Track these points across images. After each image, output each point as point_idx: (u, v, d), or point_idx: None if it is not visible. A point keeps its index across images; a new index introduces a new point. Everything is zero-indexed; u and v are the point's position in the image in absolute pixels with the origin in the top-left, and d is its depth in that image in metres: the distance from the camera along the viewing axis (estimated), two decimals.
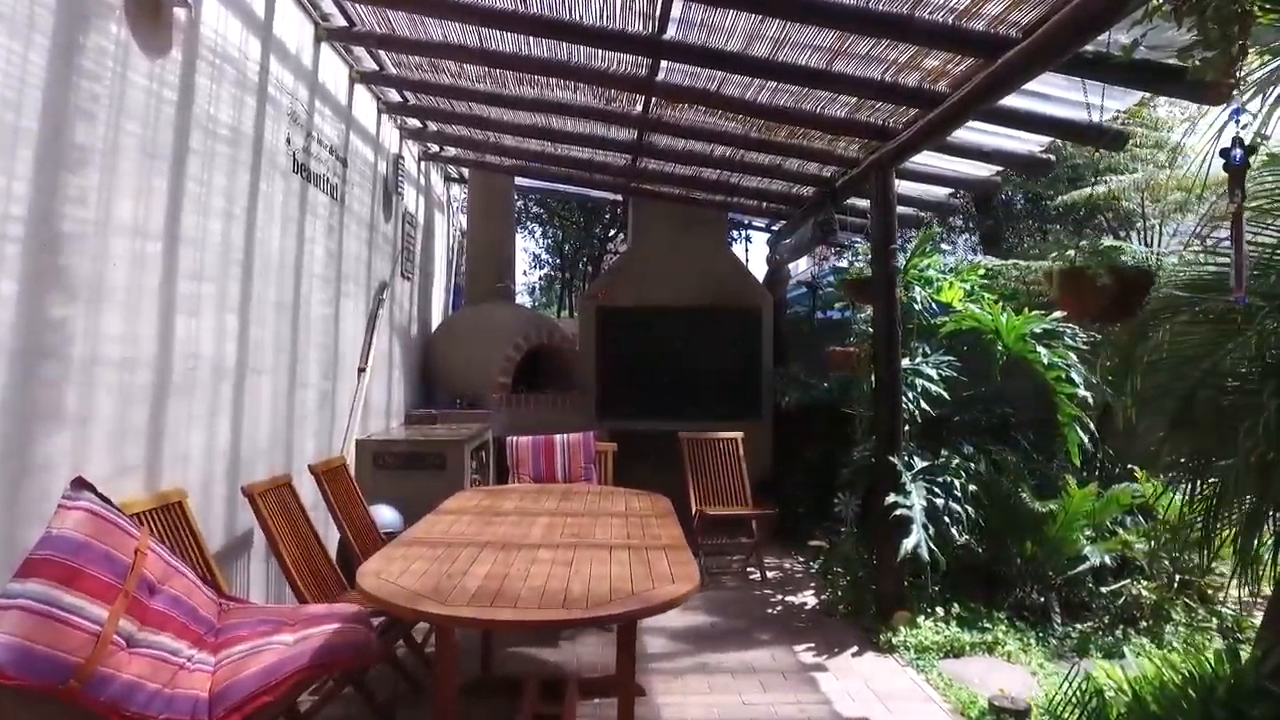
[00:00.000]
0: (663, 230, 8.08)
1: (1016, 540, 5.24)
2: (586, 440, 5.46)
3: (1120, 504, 5.03)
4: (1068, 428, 5.27)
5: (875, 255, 5.00)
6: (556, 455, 5.36)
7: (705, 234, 8.09)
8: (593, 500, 4.05)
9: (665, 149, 6.24)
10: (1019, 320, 5.38)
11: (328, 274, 4.84)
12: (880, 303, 4.97)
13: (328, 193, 4.75)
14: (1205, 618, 4.77)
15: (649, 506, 3.87)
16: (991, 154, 4.86)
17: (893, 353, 4.98)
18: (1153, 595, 4.80)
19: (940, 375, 5.58)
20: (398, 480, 5.31)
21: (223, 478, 3.40)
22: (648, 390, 7.94)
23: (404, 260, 6.69)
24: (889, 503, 4.73)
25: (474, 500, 4.02)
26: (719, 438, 6.61)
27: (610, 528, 3.36)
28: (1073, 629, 4.82)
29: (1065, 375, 5.28)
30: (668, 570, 2.63)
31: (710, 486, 6.41)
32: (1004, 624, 4.70)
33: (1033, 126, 4.22)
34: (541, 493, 4.28)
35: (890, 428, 4.99)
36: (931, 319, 5.94)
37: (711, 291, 8.00)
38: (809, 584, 5.95)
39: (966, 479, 5.08)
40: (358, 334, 5.53)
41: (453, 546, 2.94)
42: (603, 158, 6.80)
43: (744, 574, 6.24)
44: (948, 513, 4.95)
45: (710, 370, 7.97)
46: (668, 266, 8.02)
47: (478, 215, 7.96)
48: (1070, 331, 5.57)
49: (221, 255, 3.38)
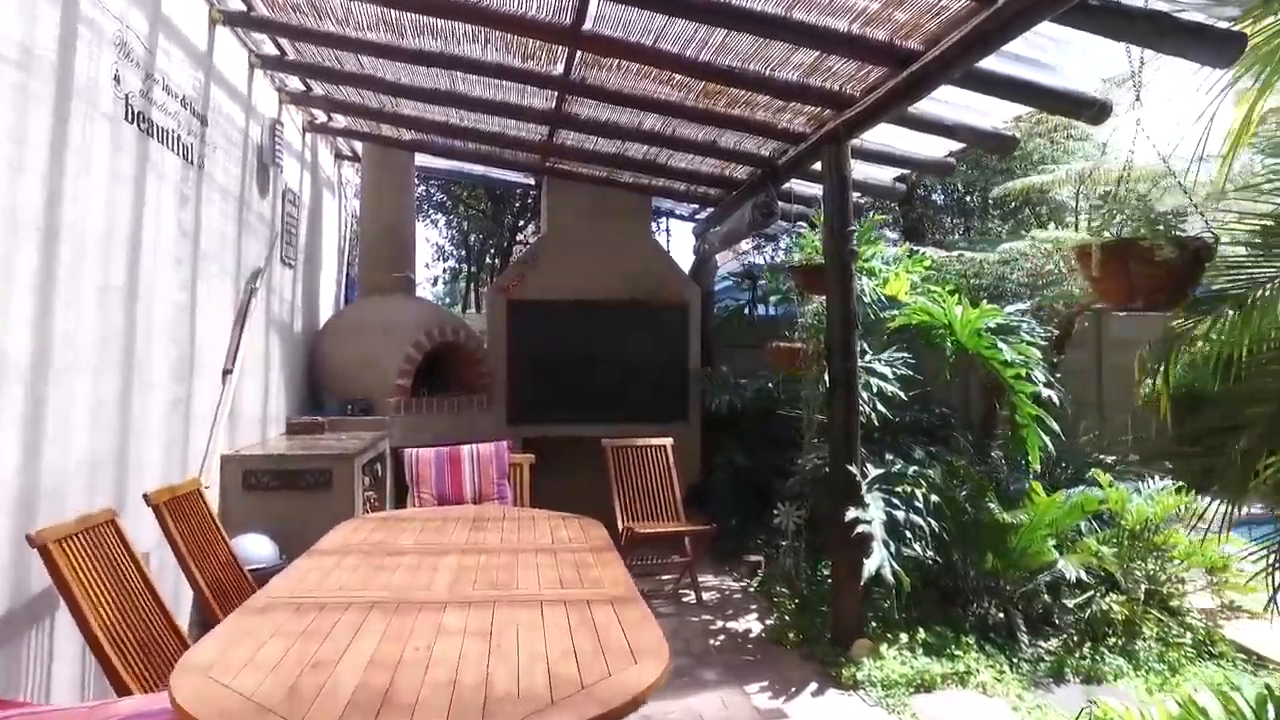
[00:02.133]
0: (581, 216, 7.38)
1: (975, 552, 4.80)
2: (499, 452, 4.71)
3: (1086, 510, 4.65)
4: (1027, 429, 4.87)
5: (829, 239, 4.45)
6: (464, 470, 4.59)
7: (628, 221, 7.43)
8: (511, 529, 3.32)
9: (587, 120, 5.54)
10: (975, 314, 4.94)
11: (181, 254, 3.93)
12: (835, 292, 4.43)
13: (179, 153, 3.84)
14: (1179, 632, 4.44)
15: (581, 536, 3.18)
16: (954, 129, 4.39)
17: (849, 348, 4.44)
18: (1124, 609, 4.43)
19: (894, 374, 5.10)
20: (274, 503, 4.44)
21: (7, 517, 2.51)
22: (564, 392, 7.22)
23: (285, 245, 5.76)
24: (850, 518, 4.19)
25: (362, 533, 3.23)
26: (647, 445, 5.97)
27: (537, 570, 2.65)
28: (1040, 647, 4.41)
29: (1025, 373, 4.88)
30: (623, 640, 1.95)
31: (639, 500, 5.75)
32: (973, 648, 4.23)
33: (1015, 94, 3.74)
34: (447, 520, 3.52)
35: (846, 433, 4.45)
36: (879, 312, 5.48)
37: (634, 284, 7.35)
38: (750, 606, 5.37)
39: (928, 488, 4.60)
40: (224, 328, 4.61)
41: (328, 610, 2.17)
42: (516, 130, 6.04)
43: (678, 596, 5.62)
44: (909, 526, 4.45)
45: (633, 370, 7.32)
46: (586, 256, 7.32)
47: (372, 196, 7.05)
48: (1027, 326, 5.19)
49: (5, 217, 2.50)
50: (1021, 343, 4.94)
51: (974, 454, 5.89)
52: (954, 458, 5.58)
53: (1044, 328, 5.23)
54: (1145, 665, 4.17)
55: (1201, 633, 4.45)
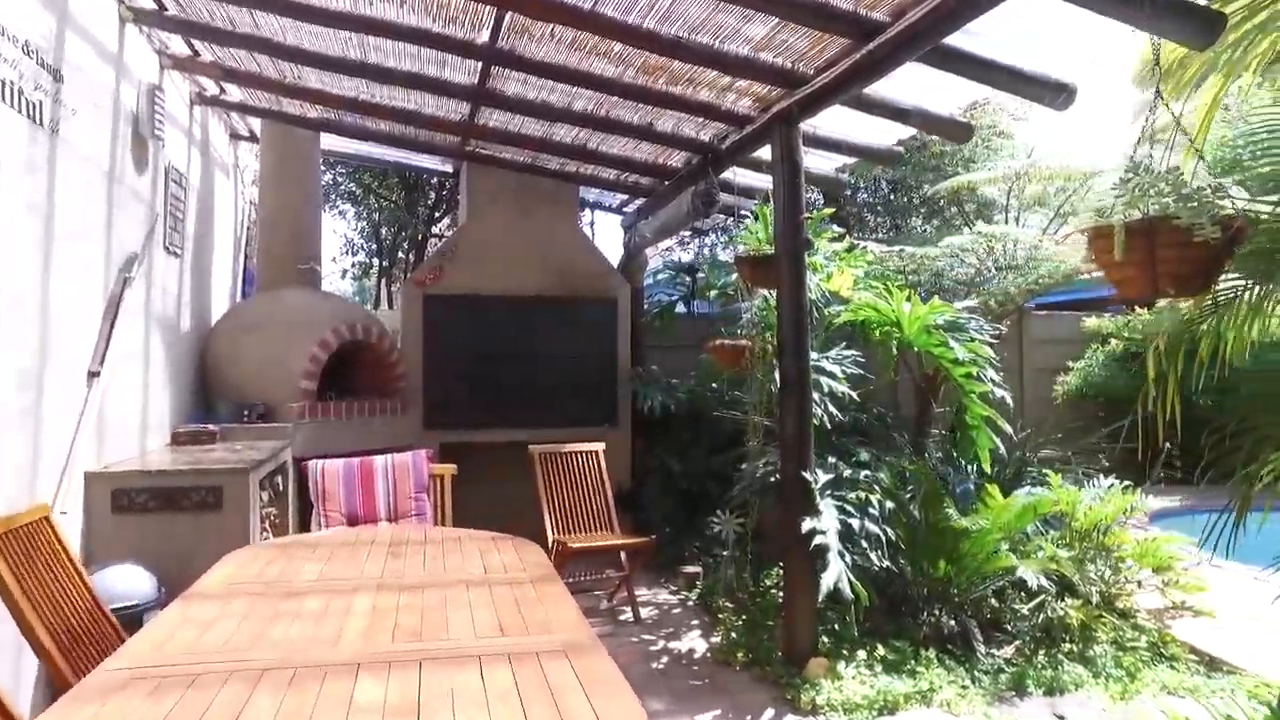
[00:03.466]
0: (504, 205, 6.89)
1: (928, 558, 4.58)
2: (417, 462, 4.21)
3: (1039, 512, 4.49)
4: (978, 430, 4.69)
5: (780, 227, 4.14)
6: (377, 484, 4.08)
7: (554, 210, 6.99)
8: (435, 555, 2.85)
9: (514, 98, 5.08)
10: (925, 310, 4.73)
11: (29, 233, 3.29)
12: (787, 285, 4.12)
13: (23, 111, 3.21)
14: (1133, 636, 4.32)
15: (517, 562, 2.74)
16: (910, 113, 4.14)
17: (801, 346, 4.14)
18: (1079, 614, 4.27)
19: (843, 373, 4.85)
20: (152, 527, 3.83)
21: None
22: (486, 395, 6.72)
23: (168, 230, 5.07)
24: (806, 529, 3.89)
25: (255, 566, 2.71)
26: (578, 451, 5.55)
27: (470, 611, 2.20)
28: (997, 657, 4.21)
29: (976, 372, 4.70)
30: (590, 713, 1.54)
31: (569, 510, 5.34)
32: (934, 663, 3.99)
33: (983, 73, 3.49)
34: (359, 546, 3.02)
35: (799, 437, 4.15)
36: (825, 308, 5.22)
37: (560, 278, 6.91)
38: (691, 621, 5.02)
39: (882, 494, 4.35)
40: (89, 322, 3.96)
41: (200, 684, 1.68)
42: (434, 108, 5.52)
43: (614, 614, 5.22)
44: (865, 535, 4.19)
45: (560, 370, 6.88)
46: (509, 248, 6.85)
47: (273, 178, 6.37)
48: (976, 323, 5.02)
49: None
50: (971, 340, 4.76)
51: (911, 454, 5.72)
52: (897, 459, 5.38)
53: (991, 325, 5.06)
54: (1103, 672, 4.02)
55: (1154, 634, 4.35)
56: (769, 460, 4.81)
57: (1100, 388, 9.20)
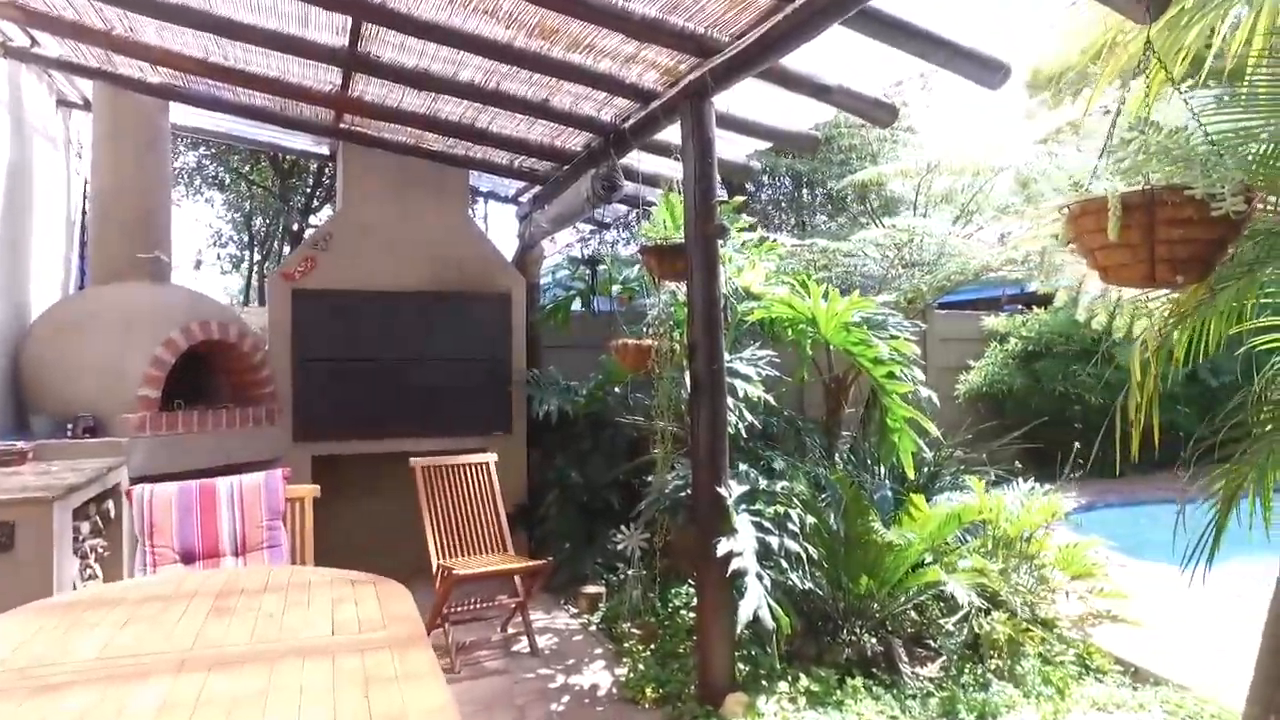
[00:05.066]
0: (385, 191, 6.23)
1: (849, 574, 4.26)
2: (271, 483, 3.56)
3: (964, 520, 4.23)
4: (900, 432, 4.41)
5: (690, 212, 3.71)
6: (220, 512, 3.41)
7: (441, 198, 6.37)
8: (273, 610, 2.26)
9: (390, 65, 4.47)
10: (843, 306, 4.41)
11: None
12: (699, 277, 3.69)
13: None
14: (1060, 649, 4.11)
15: (376, 617, 2.19)
16: (832, 91, 3.78)
17: (714, 345, 3.72)
18: (1006, 628, 4.03)
19: (758, 375, 4.47)
20: None
21: None
22: (365, 400, 6.04)
23: None
24: (723, 552, 3.47)
25: (12, 640, 2.05)
26: (466, 463, 4.99)
27: (300, 700, 1.65)
28: (924, 679, 3.93)
29: (897, 371, 4.42)
30: None
31: (457, 529, 4.77)
32: (860, 691, 3.64)
33: (918, 44, 3.14)
34: (174, 601, 2.38)
35: (712, 446, 3.73)
36: (736, 305, 4.85)
37: (448, 271, 6.30)
38: (595, 650, 4.54)
39: (802, 507, 3.99)
40: None
41: None
42: (300, 75, 4.83)
43: (508, 644, 4.69)
44: (785, 554, 3.81)
45: (448, 372, 6.26)
46: (391, 239, 6.19)
47: (109, 152, 5.47)
48: (895, 320, 4.75)
49: None
50: (893, 338, 4.47)
51: (824, 460, 5.43)
52: (811, 465, 5.08)
53: (912, 321, 4.81)
54: (1034, 691, 3.78)
55: (1079, 646, 4.16)
56: (678, 473, 4.38)
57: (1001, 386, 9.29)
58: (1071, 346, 9.10)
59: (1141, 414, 2.17)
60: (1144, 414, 2.19)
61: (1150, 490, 8.33)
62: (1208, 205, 1.58)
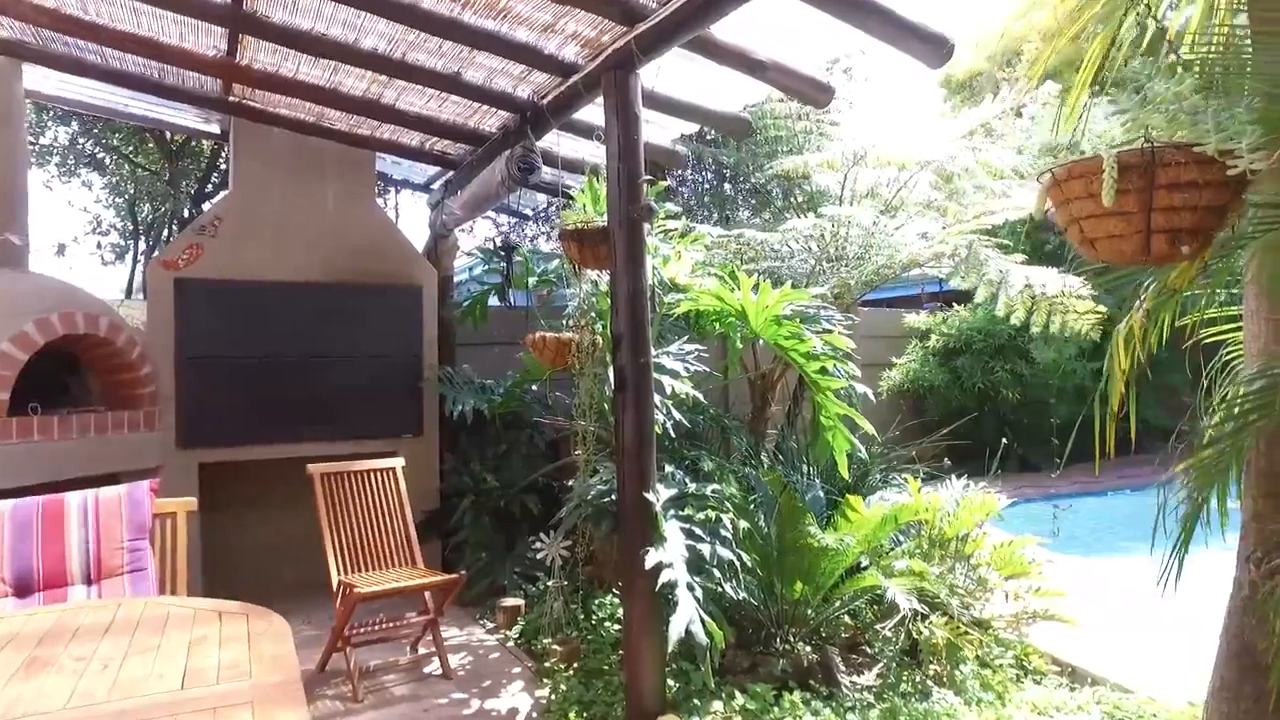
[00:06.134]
0: (283, 173, 5.70)
1: (783, 580, 4.04)
2: (134, 498, 3.08)
3: (900, 522, 4.07)
4: (834, 431, 4.21)
5: (614, 193, 3.41)
6: (69, 533, 2.92)
7: (346, 182, 5.88)
8: (109, 659, 1.84)
9: (284, 28, 4.02)
10: (775, 299, 4.19)
11: None
12: (624, 264, 3.40)
13: None
14: (998, 652, 3.99)
15: (242, 664, 1.80)
16: (766, 67, 3.54)
17: (640, 338, 3.43)
18: (944, 632, 3.87)
19: (687, 371, 4.20)
20: None
21: None
22: (259, 402, 5.50)
23: None
24: (651, 564, 3.18)
25: None
26: (369, 469, 4.57)
27: None
28: (863, 689, 3.75)
29: (831, 367, 4.22)
30: None
31: (360, 543, 4.35)
32: (799, 708, 3.41)
33: (857, 13, 2.92)
34: None
35: (639, 449, 3.44)
36: (662, 297, 4.58)
37: (352, 262, 5.82)
38: (513, 670, 4.20)
39: (735, 511, 3.74)
40: None
41: None
42: (179, 36, 4.31)
43: (418, 667, 4.30)
44: (717, 563, 3.55)
45: (353, 370, 5.78)
46: (289, 226, 5.67)
47: None
48: (828, 314, 4.57)
49: None
50: (826, 332, 4.28)
51: (751, 459, 5.23)
52: (740, 466, 4.86)
53: (844, 315, 4.64)
54: (973, 697, 3.64)
55: (1016, 647, 4.05)
56: (602, 476, 4.08)
57: (923, 383, 9.35)
58: (991, 342, 9.22)
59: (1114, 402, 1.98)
60: (1115, 403, 2.00)
61: (1067, 485, 8.49)
62: (1216, 166, 1.37)
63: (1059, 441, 9.94)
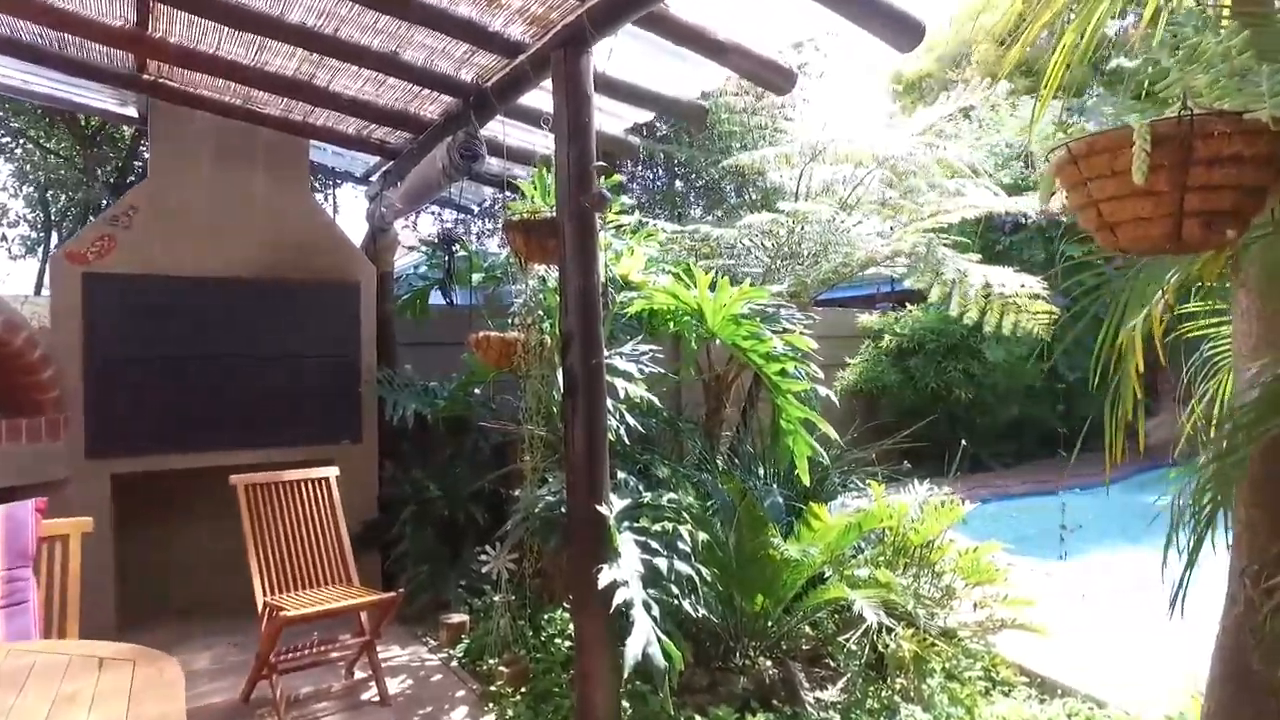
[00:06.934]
0: (207, 160, 5.28)
1: (743, 592, 3.84)
2: (15, 519, 2.72)
3: (864, 529, 3.89)
4: (794, 435, 4.02)
5: (563, 181, 3.15)
6: None
7: (277, 172, 5.48)
8: None
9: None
10: (734, 297, 3.98)
11: None
12: (574, 257, 3.14)
13: None
14: (966, 664, 3.84)
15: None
16: (728, 50, 3.32)
17: (593, 336, 3.19)
18: (911, 644, 3.71)
19: (641, 372, 3.97)
20: None
21: None
22: (183, 407, 5.09)
23: None
24: (605, 582, 2.93)
25: None
26: (299, 479, 4.23)
27: None
28: (824, 703, 3.57)
29: (790, 368, 4.03)
30: None
31: (289, 560, 4.01)
32: None
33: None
34: None
35: (590, 455, 3.19)
36: (616, 295, 4.34)
37: (283, 256, 5.43)
38: (457, 694, 3.91)
39: (693, 522, 3.51)
40: None
41: None
42: (85, 4, 3.91)
43: (353, 694, 3.97)
44: (675, 578, 3.31)
45: (286, 373, 5.40)
46: (214, 217, 5.26)
47: None
48: (788, 313, 4.38)
49: None
50: (785, 331, 4.09)
51: (705, 464, 5.03)
52: (695, 471, 4.65)
53: (805, 314, 4.46)
54: (942, 713, 3.48)
55: (984, 658, 3.92)
56: (551, 486, 3.81)
57: (876, 384, 9.28)
58: (943, 342, 9.20)
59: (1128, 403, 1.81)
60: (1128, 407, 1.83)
61: (1020, 484, 8.50)
62: (1265, 138, 1.18)
63: (1015, 441, 10.00)
